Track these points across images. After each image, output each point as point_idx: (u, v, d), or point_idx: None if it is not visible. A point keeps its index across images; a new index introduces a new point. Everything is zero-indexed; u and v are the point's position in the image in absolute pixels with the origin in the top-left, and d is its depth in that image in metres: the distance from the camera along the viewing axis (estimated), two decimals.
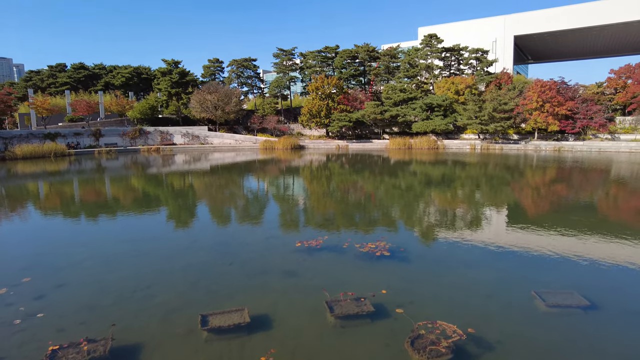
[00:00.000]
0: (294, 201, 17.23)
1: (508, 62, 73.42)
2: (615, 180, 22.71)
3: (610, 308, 6.72)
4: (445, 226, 12.24)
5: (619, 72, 47.76)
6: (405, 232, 11.74)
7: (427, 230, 11.89)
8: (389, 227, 12.09)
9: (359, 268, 8.40)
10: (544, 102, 43.12)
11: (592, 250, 9.57)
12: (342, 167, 31.07)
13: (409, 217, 14.01)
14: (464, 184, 21.56)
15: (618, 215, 14.43)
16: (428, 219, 13.37)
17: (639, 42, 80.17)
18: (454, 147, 46.90)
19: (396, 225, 12.49)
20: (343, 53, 61.97)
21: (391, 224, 12.62)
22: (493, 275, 8.23)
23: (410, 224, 12.90)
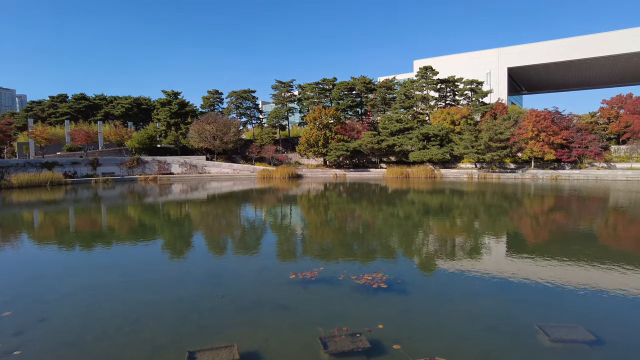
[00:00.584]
0: (290, 231, 16.98)
1: (502, 92, 74.82)
2: (614, 208, 22.59)
3: (616, 342, 6.44)
4: (444, 256, 11.99)
5: (611, 102, 48.65)
6: (403, 263, 11.46)
7: (426, 261, 11.63)
8: (386, 258, 11.82)
9: (355, 301, 8.11)
10: (540, 132, 43.61)
11: (595, 280, 9.32)
12: (339, 196, 30.93)
13: (407, 247, 13.75)
14: (463, 213, 21.39)
15: (619, 244, 14.21)
16: (426, 249, 13.12)
17: (628, 73, 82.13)
18: (451, 176, 47.01)
19: (394, 256, 12.23)
20: (340, 85, 63.12)
21: (388, 255, 12.36)
22: (494, 307, 7.94)
23: (408, 254, 12.64)
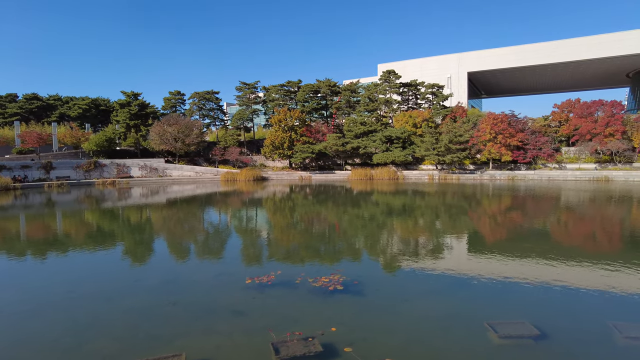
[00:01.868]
0: (252, 235, 16.73)
1: (463, 96, 77.23)
2: (564, 207, 23.74)
3: (560, 336, 6.67)
4: (402, 256, 12.14)
5: (562, 106, 51.20)
6: (361, 264, 11.50)
7: (384, 262, 11.74)
8: (345, 259, 11.84)
9: (311, 304, 8.04)
10: (497, 134, 45.27)
11: (543, 276, 9.68)
12: (304, 199, 30.87)
13: (367, 248, 13.84)
14: (422, 214, 21.82)
15: (568, 241, 14.89)
16: (386, 250, 13.26)
17: (577, 80, 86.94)
18: (413, 177, 47.98)
19: (353, 257, 12.26)
20: (305, 87, 63.08)
21: (348, 256, 12.38)
22: (448, 306, 8.07)
23: (367, 255, 12.71)
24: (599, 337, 6.68)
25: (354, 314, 7.59)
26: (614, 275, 9.85)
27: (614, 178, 40.53)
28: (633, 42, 66.43)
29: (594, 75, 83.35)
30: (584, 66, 74.90)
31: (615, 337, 6.59)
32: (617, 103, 46.59)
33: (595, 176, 41.31)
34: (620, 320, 7.14)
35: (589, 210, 22.58)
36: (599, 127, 44.74)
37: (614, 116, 45.17)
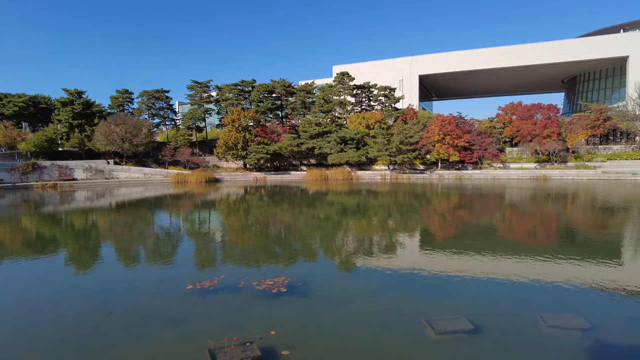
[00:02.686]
0: (199, 238, 16.30)
1: (414, 99, 79.59)
2: (508, 204, 25.04)
3: (492, 329, 6.95)
4: (350, 256, 12.27)
5: (506, 109, 54.05)
6: (308, 265, 11.49)
7: (332, 262, 11.81)
8: (292, 261, 11.79)
9: (253, 308, 7.91)
10: (445, 135, 47.04)
11: (481, 272, 10.11)
12: (257, 200, 30.52)
13: (316, 249, 13.86)
14: (373, 214, 22.21)
15: (508, 237, 15.66)
16: (334, 250, 13.35)
17: (520, 84, 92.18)
18: (367, 177, 48.84)
19: (301, 259, 12.23)
20: (260, 87, 62.55)
21: (296, 258, 12.33)
22: (389, 305, 8.21)
23: (315, 256, 12.71)
24: (526, 328, 7.01)
25: (296, 317, 7.56)
26: (546, 267, 10.46)
27: (551, 177, 43.32)
28: (564, 51, 71.50)
29: (535, 80, 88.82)
30: (526, 71, 79.60)
31: (540, 327, 6.96)
32: (553, 107, 49.84)
33: (535, 175, 43.96)
34: (547, 311, 7.55)
35: (529, 207, 23.94)
36: (538, 129, 47.68)
37: (550, 119, 48.30)
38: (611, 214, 20.72)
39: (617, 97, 71.02)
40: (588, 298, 8.52)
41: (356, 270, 10.59)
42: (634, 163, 46.13)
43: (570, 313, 7.55)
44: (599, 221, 18.89)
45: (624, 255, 12.20)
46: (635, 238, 15.04)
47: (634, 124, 49.55)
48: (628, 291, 8.80)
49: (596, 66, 77.14)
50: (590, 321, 7.04)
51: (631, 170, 43.65)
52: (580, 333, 6.73)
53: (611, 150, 51.07)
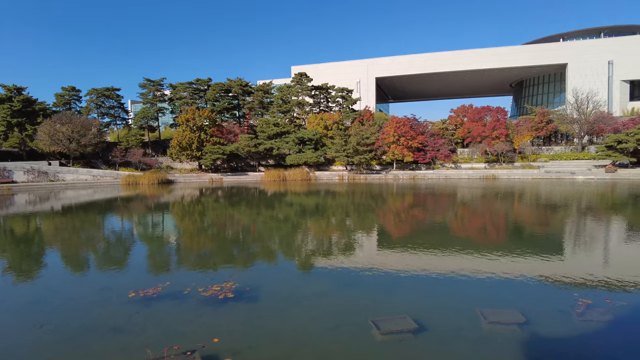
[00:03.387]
0: (146, 243, 15.68)
1: (371, 100, 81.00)
2: (459, 203, 25.95)
3: (436, 327, 7.11)
4: (302, 257, 12.22)
5: (457, 111, 56.09)
6: (258, 269, 11.31)
7: (283, 264, 11.71)
8: (242, 265, 11.57)
9: (197, 316, 7.67)
10: (400, 137, 48.17)
11: (428, 270, 10.34)
12: (212, 202, 29.84)
13: (268, 251, 13.69)
14: (329, 214, 22.31)
15: (457, 234, 16.14)
16: (287, 252, 13.26)
17: (472, 87, 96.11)
18: (325, 178, 49.10)
19: (251, 262, 12.03)
20: (216, 86, 61.29)
21: (246, 261, 12.12)
22: (339, 305, 8.22)
23: (266, 259, 12.54)
24: (467, 325, 7.22)
25: (242, 322, 7.40)
26: (489, 263, 10.89)
27: (500, 176, 45.43)
28: (511, 56, 75.44)
29: (486, 83, 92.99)
30: (477, 75, 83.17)
31: (481, 323, 7.21)
32: (501, 109, 52.30)
33: (485, 175, 45.94)
34: (487, 307, 7.84)
35: (477, 206, 24.95)
36: (487, 131, 49.89)
37: (499, 121, 50.68)
38: (551, 211, 21.98)
39: (559, 101, 75.75)
40: (526, 292, 8.95)
41: (308, 272, 10.57)
42: (572, 163, 49.36)
43: (508, 308, 7.88)
44: (540, 218, 19.99)
45: (560, 250, 12.94)
46: (570, 233, 16.04)
47: (572, 127, 53.00)
48: (562, 284, 9.32)
49: (540, 72, 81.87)
50: (526, 315, 7.37)
51: (569, 169, 46.69)
52: (517, 327, 7.00)
53: (553, 151, 54.34)
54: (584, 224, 18.29)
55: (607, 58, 70.35)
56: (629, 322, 7.28)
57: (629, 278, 9.62)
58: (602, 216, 20.43)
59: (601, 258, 12.16)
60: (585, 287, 9.14)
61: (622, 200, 26.64)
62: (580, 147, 53.51)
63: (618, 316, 7.43)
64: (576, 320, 7.29)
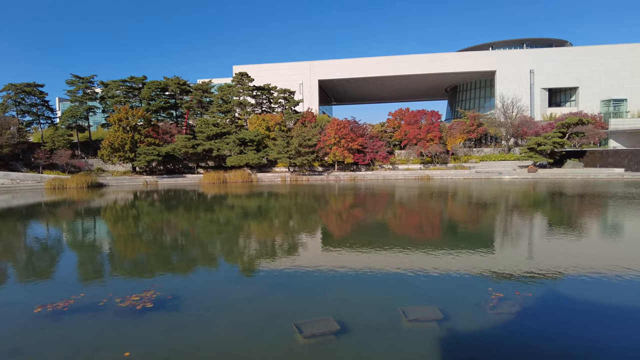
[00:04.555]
0: (63, 252, 14.56)
1: (314, 102, 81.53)
2: (393, 202, 26.79)
3: (358, 327, 7.22)
4: (230, 263, 11.96)
5: (395, 114, 58.01)
6: (183, 276, 10.84)
7: (210, 270, 11.37)
8: (166, 272, 11.05)
9: (111, 329, 7.21)
10: (340, 138, 48.95)
11: (353, 269, 10.53)
12: (146, 206, 28.43)
13: (195, 257, 13.20)
14: (268, 216, 22.09)
15: (388, 232, 16.57)
16: (214, 257, 12.90)
17: (411, 91, 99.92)
18: (267, 179, 48.68)
19: (176, 269, 11.52)
20: (151, 84, 58.59)
21: (171, 268, 11.56)
22: (263, 311, 8.08)
23: (192, 266, 12.05)
24: (389, 324, 7.40)
25: (161, 333, 7.06)
26: (413, 260, 11.30)
27: (434, 176, 47.63)
28: (446, 63, 79.51)
29: (423, 88, 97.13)
30: (415, 80, 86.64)
31: (401, 322, 7.43)
32: (435, 113, 54.87)
33: (420, 175, 47.92)
34: (408, 304, 8.10)
35: (411, 205, 25.91)
36: (423, 133, 52.13)
37: (433, 124, 53.12)
38: (478, 209, 23.36)
39: (489, 106, 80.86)
40: (446, 288, 9.38)
41: (237, 277, 10.37)
42: (500, 164, 52.93)
43: (429, 304, 8.19)
44: (468, 216, 21.16)
45: (483, 245, 13.70)
46: (493, 230, 17.14)
47: (500, 130, 56.85)
48: (480, 279, 9.89)
49: (472, 78, 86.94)
50: (444, 311, 7.69)
51: (497, 170, 50.05)
52: (435, 324, 7.26)
53: (483, 153, 57.92)
54: (507, 220, 19.62)
55: (529, 67, 76.21)
56: (534, 312, 7.86)
57: (538, 270, 10.42)
58: (523, 213, 22.06)
59: (518, 252, 13.06)
60: (500, 280, 9.77)
61: (541, 198, 28.94)
62: (507, 149, 57.50)
63: (525, 307, 7.99)
64: (489, 313, 7.72)
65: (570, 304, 8.40)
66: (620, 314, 7.90)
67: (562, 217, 20.37)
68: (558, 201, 26.76)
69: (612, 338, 6.85)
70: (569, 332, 7.12)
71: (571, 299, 8.66)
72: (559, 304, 8.37)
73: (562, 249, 13.23)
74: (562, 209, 23.19)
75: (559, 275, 10.16)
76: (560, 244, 13.93)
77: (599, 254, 12.56)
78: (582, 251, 13.05)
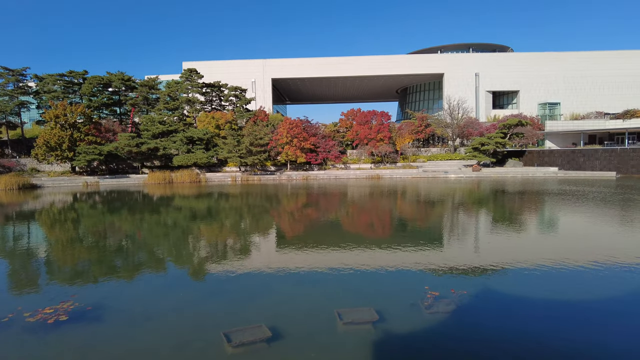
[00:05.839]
0: None
1: (268, 101, 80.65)
2: (349, 201, 26.85)
3: (292, 333, 6.96)
4: (164, 268, 11.29)
5: (347, 114, 58.53)
6: (108, 284, 9.90)
7: (140, 277, 10.62)
8: (89, 280, 10.19)
9: (16, 348, 6.48)
10: (293, 138, 48.65)
11: (292, 272, 10.29)
12: (82, 208, 26.62)
13: (125, 263, 12.26)
14: (213, 218, 21.36)
15: (338, 232, 16.40)
16: (147, 263, 12.10)
17: (363, 92, 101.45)
18: (217, 179, 47.39)
19: (101, 276, 10.59)
20: (92, 79, 55.24)
21: (95, 276, 10.62)
22: (191, 320, 7.61)
23: (121, 272, 11.15)
24: (323, 328, 7.20)
25: (75, 350, 6.43)
26: (356, 259, 11.19)
27: (383, 175, 48.51)
28: (397, 65, 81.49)
29: (375, 89, 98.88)
30: (368, 81, 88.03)
31: (337, 325, 7.23)
32: (385, 113, 55.91)
33: (370, 174, 48.62)
34: (344, 306, 7.93)
35: (361, 203, 26.09)
36: (373, 133, 52.96)
37: (383, 124, 54.10)
38: (423, 207, 23.91)
39: (437, 107, 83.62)
40: (384, 287, 9.33)
41: (166, 285, 9.76)
42: (446, 163, 54.86)
43: (366, 305, 8.05)
44: (413, 214, 21.57)
45: (425, 243, 13.80)
46: (436, 227, 17.51)
47: (446, 130, 58.94)
48: (418, 277, 9.94)
49: (422, 80, 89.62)
50: (380, 312, 7.59)
51: (444, 169, 51.84)
52: (370, 327, 7.14)
53: (430, 152, 59.81)
54: (450, 218, 20.16)
55: (474, 71, 79.70)
56: (468, 310, 7.93)
57: (475, 266, 10.68)
58: (467, 210, 22.81)
59: (458, 249, 13.34)
60: (437, 278, 9.88)
61: (484, 196, 30.19)
62: (453, 149, 59.71)
63: (460, 305, 8.06)
64: (424, 313, 7.71)
65: (504, 300, 8.61)
66: (554, 305, 8.15)
67: (503, 214, 21.27)
68: (500, 198, 28.02)
69: (547, 331, 7.02)
70: (503, 328, 7.24)
71: (505, 295, 8.89)
72: (494, 300, 8.55)
73: (501, 244, 13.72)
74: (504, 206, 24.28)
75: (495, 270, 10.45)
76: (499, 240, 14.45)
77: (535, 248, 13.11)
78: (519, 246, 13.58)
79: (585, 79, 77.71)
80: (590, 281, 9.56)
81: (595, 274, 9.94)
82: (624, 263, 10.77)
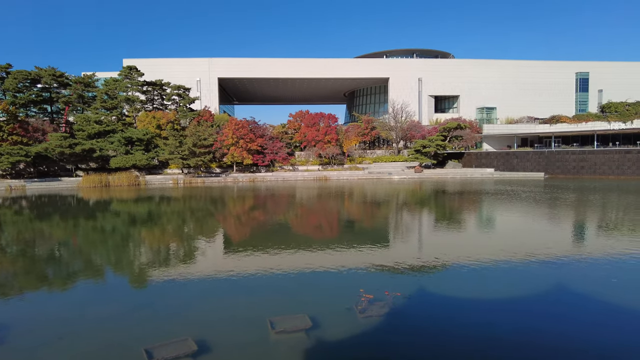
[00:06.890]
0: None
1: (214, 101, 78.62)
2: (297, 203, 26.65)
3: (220, 346, 6.64)
4: (87, 280, 10.50)
5: (296, 116, 58.46)
6: (22, 299, 9.06)
7: (60, 290, 9.79)
8: (1, 295, 9.36)
9: None
10: (239, 139, 47.77)
11: (224, 277, 9.95)
12: (4, 216, 24.38)
13: (46, 273, 11.32)
14: (148, 224, 20.34)
15: (280, 234, 16.13)
16: (70, 274, 11.22)
17: (312, 94, 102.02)
18: (157, 182, 45.39)
19: (14, 291, 9.70)
20: (18, 74, 50.97)
21: (8, 290, 9.78)
22: (113, 336, 7.07)
23: (39, 284, 10.17)
24: (254, 338, 6.92)
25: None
26: (292, 262, 11.04)
27: (331, 177, 48.95)
28: (344, 68, 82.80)
29: (323, 91, 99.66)
30: (316, 83, 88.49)
31: (269, 334, 6.99)
32: (332, 116, 56.47)
33: (318, 176, 48.88)
34: (277, 314, 7.69)
35: (307, 206, 26.02)
36: (321, 135, 53.28)
37: (330, 127, 54.62)
38: (367, 208, 24.28)
39: (383, 111, 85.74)
40: (319, 292, 9.22)
41: (88, 299, 9.03)
42: (390, 165, 56.43)
43: (300, 312, 7.84)
44: (356, 215, 21.83)
45: (364, 243, 13.85)
46: (377, 228, 17.79)
47: (391, 133, 60.63)
48: (353, 279, 9.90)
49: (368, 83, 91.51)
50: (314, 318, 7.42)
51: (388, 170, 53.28)
52: (303, 334, 6.93)
53: (376, 154, 61.24)
54: (392, 218, 20.60)
55: (417, 76, 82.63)
56: (402, 312, 7.98)
57: (410, 266, 10.84)
58: (409, 210, 23.43)
59: (396, 249, 13.57)
60: (372, 280, 9.93)
61: (425, 196, 31.27)
62: (397, 151, 61.50)
63: (393, 307, 8.08)
64: (358, 317, 7.64)
65: (438, 300, 8.76)
66: (490, 303, 8.41)
67: (442, 214, 22.09)
68: (440, 199, 29.14)
69: (481, 328, 7.19)
70: (437, 330, 7.34)
71: (440, 295, 9.05)
72: (428, 301, 8.67)
73: (438, 243, 14.16)
74: (443, 206, 25.26)
75: (430, 269, 10.71)
76: (437, 239, 14.93)
77: (471, 247, 13.57)
78: (456, 245, 14.02)
79: (520, 86, 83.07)
80: (522, 276, 10.04)
81: (527, 270, 10.46)
82: (552, 258, 11.44)
